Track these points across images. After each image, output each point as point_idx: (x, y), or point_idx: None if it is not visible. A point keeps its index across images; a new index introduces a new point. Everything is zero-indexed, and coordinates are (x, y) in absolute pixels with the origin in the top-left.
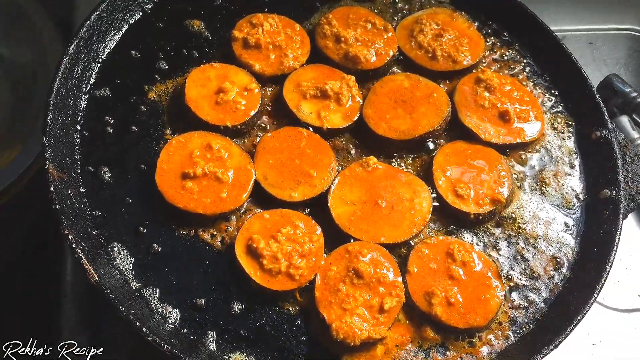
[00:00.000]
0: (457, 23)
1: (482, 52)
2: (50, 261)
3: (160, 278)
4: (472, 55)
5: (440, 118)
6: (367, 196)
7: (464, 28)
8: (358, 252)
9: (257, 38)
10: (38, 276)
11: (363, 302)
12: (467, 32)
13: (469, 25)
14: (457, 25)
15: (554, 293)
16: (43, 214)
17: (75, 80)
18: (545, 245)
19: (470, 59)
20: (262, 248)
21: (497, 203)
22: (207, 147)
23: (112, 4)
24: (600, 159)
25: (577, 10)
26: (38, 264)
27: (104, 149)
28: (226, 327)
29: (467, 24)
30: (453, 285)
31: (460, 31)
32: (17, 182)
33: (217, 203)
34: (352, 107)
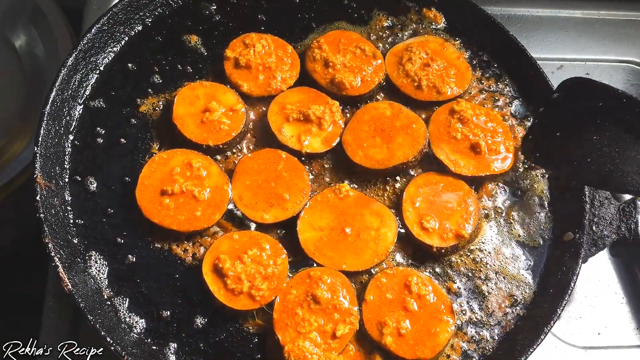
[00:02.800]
0: (447, 53)
1: (467, 83)
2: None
3: (132, 288)
4: (458, 87)
5: (415, 150)
6: (335, 222)
7: (453, 58)
8: (319, 278)
9: (247, 59)
10: (36, 273)
11: (317, 327)
12: (456, 62)
13: (459, 56)
14: (446, 55)
15: (505, 330)
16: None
17: (72, 90)
18: (505, 282)
19: (455, 90)
20: (227, 268)
21: (461, 238)
22: (188, 165)
23: (114, 17)
24: (569, 201)
25: (577, 40)
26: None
27: (92, 159)
28: (187, 339)
29: (457, 54)
30: (406, 316)
31: (449, 61)
32: (25, 172)
33: (190, 221)
34: (333, 133)
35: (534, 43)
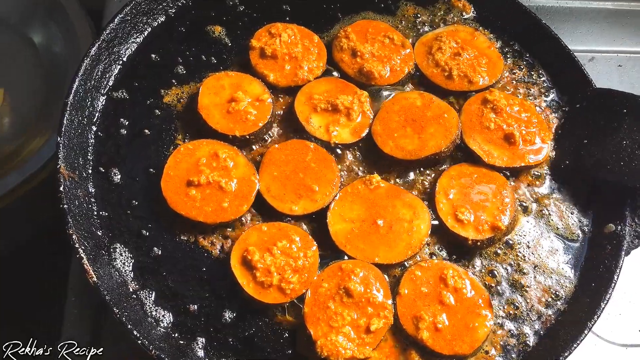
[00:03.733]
0: (478, 42)
1: (500, 73)
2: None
3: (158, 281)
4: (490, 76)
5: (448, 140)
6: (366, 214)
7: (484, 47)
8: (351, 271)
9: (273, 48)
10: (42, 272)
11: (350, 321)
12: (487, 52)
13: (490, 45)
14: (477, 45)
15: (545, 325)
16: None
17: (95, 81)
18: (544, 276)
19: (487, 80)
20: (257, 260)
21: (497, 231)
22: (214, 156)
23: (137, 7)
24: (608, 193)
25: (609, 31)
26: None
27: (116, 150)
28: (216, 334)
29: (487, 43)
30: (442, 310)
31: (480, 51)
32: (44, 169)
33: (218, 212)
34: (361, 123)
35: (564, 35)
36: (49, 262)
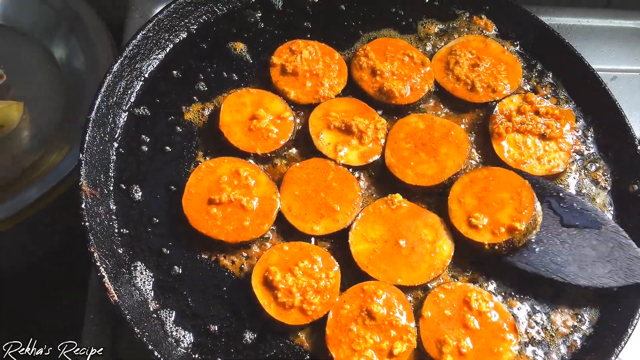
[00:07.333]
0: (491, 49)
1: (520, 77)
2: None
3: (178, 300)
4: (511, 82)
5: (464, 156)
6: (388, 235)
7: (499, 53)
8: (373, 293)
9: (294, 65)
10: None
11: (373, 345)
12: (503, 57)
13: (503, 50)
14: (491, 52)
15: (571, 351)
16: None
17: (117, 97)
18: (568, 299)
19: (509, 87)
20: (278, 281)
21: (515, 232)
22: (235, 174)
23: (159, 24)
24: (635, 214)
25: (631, 50)
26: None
27: (137, 167)
28: (237, 355)
29: (500, 48)
30: (466, 334)
31: (496, 57)
32: (63, 183)
33: (239, 231)
34: (371, 150)
35: (585, 54)
36: (66, 276)
